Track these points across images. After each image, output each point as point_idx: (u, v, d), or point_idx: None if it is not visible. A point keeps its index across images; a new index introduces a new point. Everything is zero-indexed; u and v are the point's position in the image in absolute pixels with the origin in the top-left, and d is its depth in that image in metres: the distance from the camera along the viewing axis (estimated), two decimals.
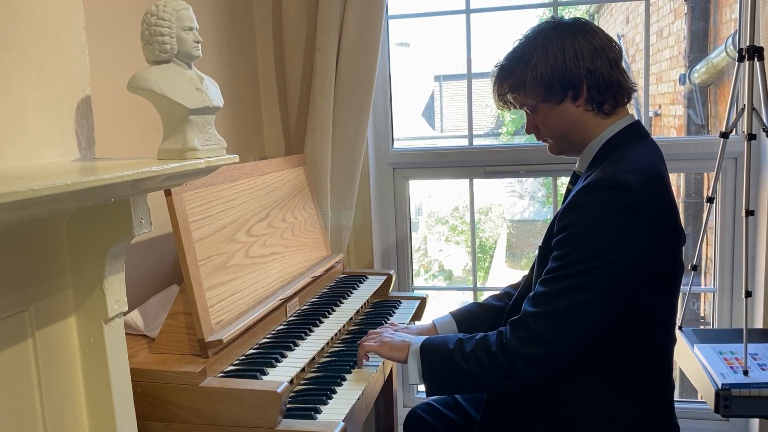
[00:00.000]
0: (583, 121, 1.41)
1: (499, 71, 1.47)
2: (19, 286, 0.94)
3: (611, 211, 1.27)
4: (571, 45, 1.37)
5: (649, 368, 1.37)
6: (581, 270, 1.27)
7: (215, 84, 1.19)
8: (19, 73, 0.98)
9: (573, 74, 1.36)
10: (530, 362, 1.29)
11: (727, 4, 3.74)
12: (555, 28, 1.40)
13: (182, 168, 1.02)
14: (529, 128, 1.50)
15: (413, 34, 12.72)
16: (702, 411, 2.33)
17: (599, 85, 1.37)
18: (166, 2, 1.09)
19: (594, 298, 1.27)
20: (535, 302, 1.31)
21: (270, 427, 1.25)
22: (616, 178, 1.28)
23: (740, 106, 2.01)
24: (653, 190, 1.30)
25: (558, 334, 1.28)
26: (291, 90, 2.28)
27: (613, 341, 1.32)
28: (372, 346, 1.49)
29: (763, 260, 2.14)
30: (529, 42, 1.42)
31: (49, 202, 0.77)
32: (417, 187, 9.02)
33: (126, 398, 1.10)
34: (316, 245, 2.03)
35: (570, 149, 1.47)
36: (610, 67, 1.38)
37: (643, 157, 1.36)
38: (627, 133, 1.40)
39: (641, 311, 1.32)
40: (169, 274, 1.82)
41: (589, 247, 1.27)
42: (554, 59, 1.37)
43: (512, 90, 1.44)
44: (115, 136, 1.58)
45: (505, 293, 1.74)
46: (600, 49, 1.38)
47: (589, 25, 1.41)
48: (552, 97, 1.39)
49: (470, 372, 1.33)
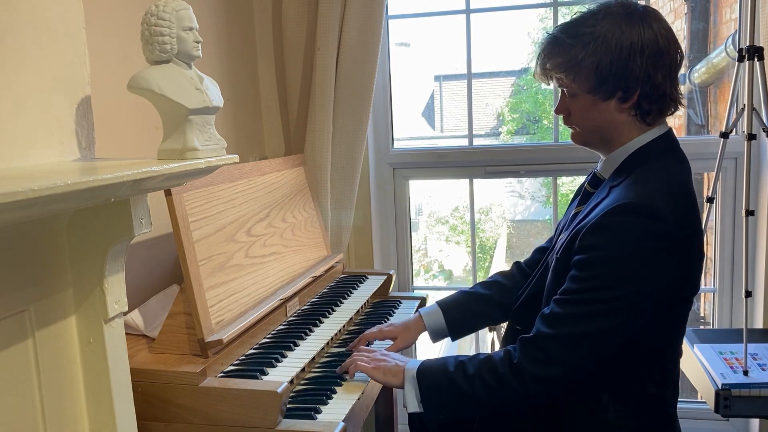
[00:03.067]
0: (621, 124, 1.33)
1: (552, 42, 1.33)
2: (19, 286, 0.94)
3: (638, 238, 1.20)
4: (639, 39, 1.25)
5: (655, 382, 1.32)
6: (602, 298, 1.22)
7: (215, 84, 1.19)
8: (19, 73, 0.98)
9: (632, 75, 1.26)
10: (542, 383, 1.25)
11: (727, 4, 3.74)
12: (627, 15, 1.27)
13: (182, 168, 1.02)
14: (560, 110, 1.40)
15: (413, 34, 12.72)
16: (702, 411, 2.33)
17: (651, 95, 1.28)
18: (166, 2, 1.09)
19: (613, 326, 1.22)
20: (549, 323, 1.26)
21: (270, 427, 1.25)
22: (644, 203, 1.21)
23: (740, 106, 2.01)
24: (683, 215, 1.24)
25: (572, 356, 1.24)
26: (291, 90, 2.28)
27: (622, 357, 1.28)
28: (366, 368, 1.42)
29: (763, 260, 2.14)
30: (595, 20, 1.28)
31: (49, 202, 0.77)
32: (417, 187, 9.03)
33: (126, 398, 1.10)
34: (316, 245, 2.03)
35: (596, 145, 1.40)
36: (670, 76, 1.29)
37: (672, 175, 1.29)
38: (658, 143, 1.33)
39: (655, 329, 1.28)
40: (169, 274, 1.82)
41: (612, 275, 1.21)
42: (618, 51, 1.25)
43: (561, 69, 1.32)
44: (115, 136, 1.58)
45: (494, 282, 1.71)
46: (665, 52, 1.27)
47: (661, 20, 1.30)
48: (600, 91, 1.30)
49: (474, 395, 1.29)
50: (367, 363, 1.43)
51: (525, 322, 1.44)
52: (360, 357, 1.46)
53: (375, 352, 1.48)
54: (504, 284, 1.70)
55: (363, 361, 1.44)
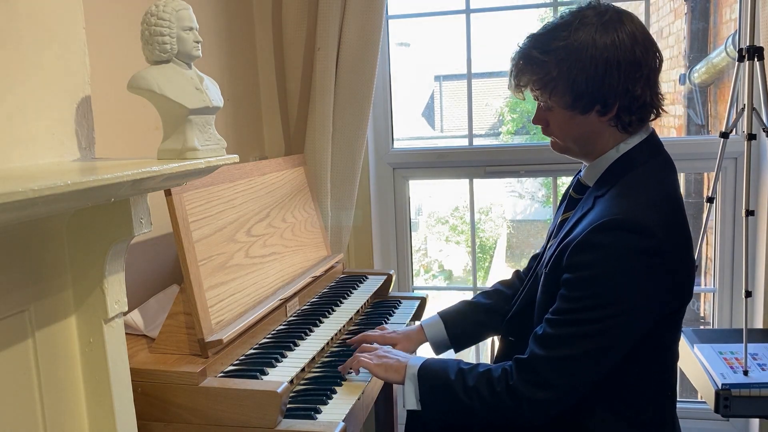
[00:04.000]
0: (602, 133, 1.30)
1: (525, 59, 1.29)
2: (19, 286, 0.94)
3: (627, 255, 1.18)
4: (614, 52, 1.21)
5: (652, 388, 1.32)
6: (593, 318, 1.20)
7: (215, 84, 1.19)
8: (19, 74, 0.98)
9: (609, 91, 1.23)
10: (535, 406, 1.24)
11: (727, 4, 3.74)
12: (602, 25, 1.22)
13: (182, 168, 1.02)
14: (538, 120, 1.37)
15: (413, 34, 12.71)
16: (702, 411, 2.33)
17: (631, 107, 1.25)
18: (166, 2, 1.09)
19: (605, 346, 1.21)
20: (542, 344, 1.25)
21: (270, 427, 1.25)
22: (632, 219, 1.19)
23: (740, 106, 2.01)
24: (672, 228, 1.23)
25: (565, 379, 1.23)
26: (291, 90, 2.28)
27: (618, 369, 1.26)
28: (368, 363, 1.42)
29: (763, 260, 2.14)
30: (567, 32, 1.24)
31: (49, 202, 0.77)
32: (417, 187, 9.02)
33: (126, 398, 1.10)
34: (316, 245, 2.03)
35: (576, 153, 1.37)
36: (649, 85, 1.25)
37: (658, 184, 1.27)
38: (641, 149, 1.30)
39: (649, 341, 1.27)
40: (169, 274, 1.82)
41: (603, 295, 1.19)
42: (594, 69, 1.21)
43: (536, 86, 1.29)
44: (115, 136, 1.58)
45: (495, 291, 1.71)
46: (643, 63, 1.23)
47: (634, 21, 1.25)
48: (578, 107, 1.27)
49: (471, 406, 1.29)
50: (370, 359, 1.44)
51: (518, 333, 1.44)
52: (362, 353, 1.47)
53: (377, 349, 1.49)
54: (505, 293, 1.69)
55: (365, 358, 1.45)
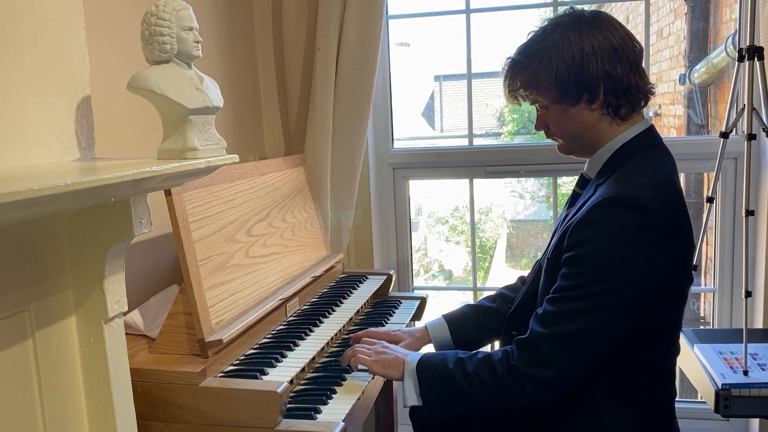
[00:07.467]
0: (597, 125, 1.36)
1: (512, 65, 1.39)
2: (19, 286, 0.94)
3: (626, 230, 1.22)
4: (590, 43, 1.29)
5: (652, 379, 1.33)
6: (593, 292, 1.22)
7: (215, 84, 1.19)
8: (19, 73, 0.98)
9: (590, 77, 1.30)
10: (538, 385, 1.25)
11: (727, 4, 3.74)
12: (574, 23, 1.32)
13: (182, 168, 1.02)
14: (540, 125, 1.44)
15: (413, 34, 12.73)
16: (702, 411, 2.33)
17: (617, 90, 1.31)
18: (166, 2, 1.09)
19: (606, 321, 1.23)
20: (543, 322, 1.27)
21: (270, 427, 1.25)
22: (631, 196, 1.23)
23: (740, 106, 2.01)
24: (669, 206, 1.25)
25: (567, 356, 1.24)
26: (291, 90, 2.28)
27: (617, 356, 1.28)
28: (366, 360, 1.43)
29: (763, 260, 2.14)
30: (545, 36, 1.34)
31: (49, 202, 0.77)
32: (417, 187, 9.03)
33: (126, 398, 1.10)
34: (315, 245, 2.03)
35: (580, 151, 1.42)
36: (629, 69, 1.31)
37: (657, 169, 1.31)
38: (640, 139, 1.35)
39: (649, 326, 1.28)
40: (169, 274, 1.82)
41: (603, 269, 1.22)
42: (571, 59, 1.30)
43: (525, 87, 1.38)
44: (115, 136, 1.58)
45: (499, 294, 1.72)
46: (620, 49, 1.30)
47: (610, 21, 1.34)
48: (566, 98, 1.33)
49: (472, 393, 1.29)
50: (368, 355, 1.44)
51: (519, 326, 1.44)
52: (361, 348, 1.47)
53: (376, 345, 1.49)
54: (509, 297, 1.69)
55: (364, 353, 1.45)
